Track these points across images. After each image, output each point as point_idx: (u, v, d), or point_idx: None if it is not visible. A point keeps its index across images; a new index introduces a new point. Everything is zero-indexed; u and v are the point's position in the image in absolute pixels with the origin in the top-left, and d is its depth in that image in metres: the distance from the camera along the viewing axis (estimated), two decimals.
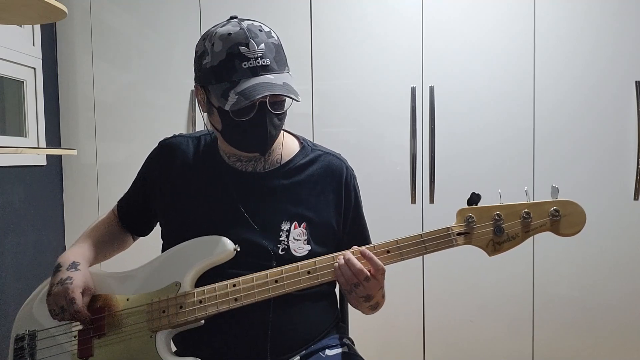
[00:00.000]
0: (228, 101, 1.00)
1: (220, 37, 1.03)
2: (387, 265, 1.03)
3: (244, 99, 0.99)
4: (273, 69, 1.03)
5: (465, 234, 1.02)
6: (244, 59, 1.01)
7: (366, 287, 1.01)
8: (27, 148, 2.02)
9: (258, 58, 1.02)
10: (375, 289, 1.03)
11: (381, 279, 1.03)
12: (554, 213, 1.00)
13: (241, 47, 1.01)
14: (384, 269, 1.01)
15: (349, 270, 1.00)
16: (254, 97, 0.99)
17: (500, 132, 2.16)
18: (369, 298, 1.05)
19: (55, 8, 1.28)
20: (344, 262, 1.01)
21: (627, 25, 2.10)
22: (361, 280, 1.00)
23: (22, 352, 1.09)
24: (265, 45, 1.03)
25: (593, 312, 2.17)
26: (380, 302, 1.13)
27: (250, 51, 1.01)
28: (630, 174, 2.12)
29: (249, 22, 1.05)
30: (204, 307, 1.03)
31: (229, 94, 1.01)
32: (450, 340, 2.22)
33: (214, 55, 1.03)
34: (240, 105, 1.00)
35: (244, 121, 1.04)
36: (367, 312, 1.15)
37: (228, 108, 1.01)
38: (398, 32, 2.17)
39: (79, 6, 2.25)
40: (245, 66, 1.01)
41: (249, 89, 1.00)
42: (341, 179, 1.18)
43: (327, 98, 2.20)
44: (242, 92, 1.00)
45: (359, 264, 1.00)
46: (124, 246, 1.29)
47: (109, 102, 2.28)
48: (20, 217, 2.04)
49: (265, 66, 1.02)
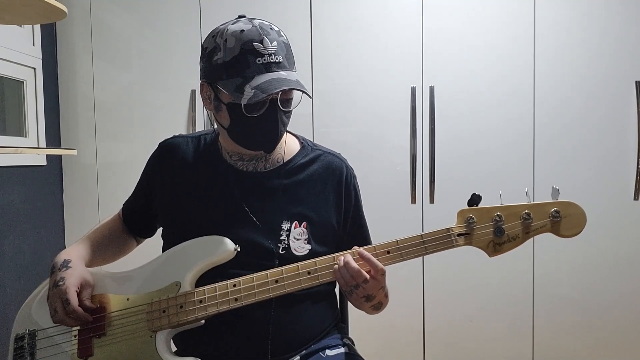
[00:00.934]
0: (244, 95, 1.01)
1: (233, 34, 1.03)
2: (387, 266, 1.02)
3: (261, 93, 1.00)
4: (285, 67, 1.05)
5: (466, 234, 1.02)
6: (258, 55, 1.02)
7: (365, 288, 1.01)
8: (27, 148, 2.02)
9: (272, 54, 1.03)
10: (375, 290, 1.03)
11: (381, 279, 1.02)
12: (555, 214, 1.00)
13: (255, 43, 1.02)
14: (384, 269, 1.01)
15: (348, 273, 1.00)
16: (272, 91, 1.00)
17: (501, 132, 2.16)
18: (370, 298, 1.05)
19: (55, 8, 1.28)
20: (342, 264, 1.01)
21: (627, 25, 2.10)
22: (359, 282, 1.00)
23: (22, 352, 1.09)
24: (277, 43, 1.04)
25: (593, 312, 2.17)
26: (383, 301, 1.13)
27: (265, 47, 1.02)
28: (630, 174, 2.12)
29: (259, 20, 1.07)
30: (204, 307, 1.03)
31: (244, 88, 1.01)
32: (450, 340, 2.22)
33: (227, 51, 1.03)
34: (257, 99, 1.00)
35: (254, 117, 1.04)
36: (370, 312, 1.14)
37: (245, 102, 1.01)
38: (398, 32, 2.17)
39: (79, 6, 2.25)
40: (259, 62, 1.02)
41: (265, 84, 1.01)
42: (341, 178, 1.18)
43: (327, 98, 2.20)
44: (259, 86, 1.01)
45: (356, 267, 1.00)
46: (126, 249, 1.29)
47: (109, 102, 2.28)
48: (20, 217, 2.04)
49: (278, 63, 1.03)
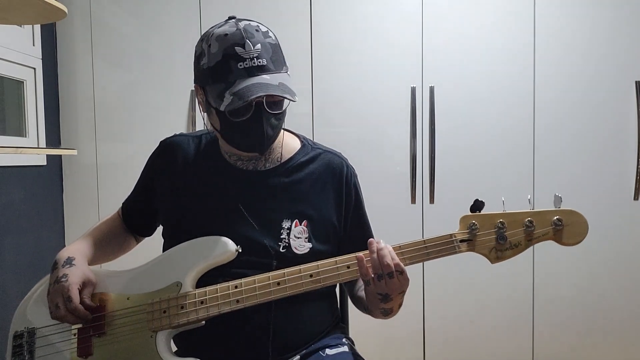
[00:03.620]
0: (223, 102, 1.01)
1: (217, 38, 1.03)
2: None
3: (237, 100, 0.99)
4: (269, 69, 1.03)
5: (468, 241, 1.01)
6: (239, 60, 1.01)
7: (388, 283, 0.98)
8: (27, 148, 2.01)
9: (254, 58, 1.01)
10: (395, 291, 1.00)
11: (402, 280, 0.99)
12: (557, 222, 0.99)
13: (237, 47, 1.01)
14: (402, 267, 0.98)
15: (380, 258, 0.97)
16: (248, 98, 0.99)
17: (500, 131, 2.16)
18: (386, 298, 1.02)
19: (55, 8, 1.28)
20: (381, 247, 0.98)
21: (627, 25, 2.10)
22: (386, 272, 0.97)
23: (20, 350, 1.08)
24: (261, 45, 1.03)
25: (593, 312, 2.17)
26: (395, 309, 1.09)
27: (246, 51, 1.01)
28: (630, 174, 2.12)
29: (246, 22, 1.05)
30: (205, 308, 1.02)
31: (224, 94, 1.01)
32: (450, 340, 2.22)
33: (211, 56, 1.03)
34: (234, 106, 1.00)
35: (241, 121, 1.04)
36: (378, 315, 1.11)
37: (223, 109, 1.01)
38: (398, 31, 2.17)
39: (79, 6, 2.25)
40: (240, 67, 1.01)
41: (243, 90, 1.00)
42: (341, 176, 1.18)
43: (327, 98, 2.20)
44: (237, 92, 1.00)
45: (389, 256, 0.97)
46: (125, 248, 1.29)
47: (109, 102, 2.28)
48: (20, 217, 2.04)
49: (261, 66, 1.02)
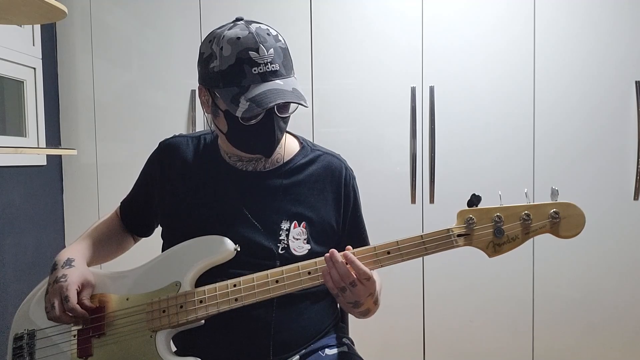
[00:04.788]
0: (239, 107, 1.00)
1: (229, 41, 1.01)
2: (387, 266, 1.02)
3: (256, 107, 0.98)
4: (282, 74, 1.03)
5: (466, 235, 1.02)
6: (254, 65, 1.00)
7: (353, 292, 0.98)
8: (27, 148, 2.02)
9: (268, 63, 1.01)
10: (363, 296, 1.00)
11: (369, 285, 0.99)
12: (554, 215, 0.99)
13: (251, 52, 1.00)
14: (368, 274, 0.98)
15: (337, 273, 0.98)
16: (267, 105, 0.98)
17: (501, 131, 2.16)
18: (357, 305, 1.03)
19: (55, 8, 1.28)
20: (332, 263, 0.98)
21: (627, 25, 2.10)
22: (347, 284, 0.98)
23: (20, 352, 1.09)
24: (274, 50, 1.02)
25: (593, 312, 2.17)
26: (371, 308, 1.09)
27: (260, 56, 1.00)
28: (630, 174, 2.12)
29: (256, 25, 1.04)
30: (204, 307, 1.03)
31: (239, 99, 1.00)
32: (450, 340, 2.22)
33: (223, 59, 1.02)
34: (252, 113, 0.99)
35: (251, 125, 1.04)
36: (357, 316, 1.12)
37: (239, 114, 1.00)
38: (398, 32, 2.17)
39: (79, 6, 2.25)
40: (255, 72, 1.00)
41: (260, 96, 0.99)
42: (340, 179, 1.18)
43: (327, 98, 2.20)
44: (253, 98, 0.99)
45: (345, 268, 0.97)
46: (124, 247, 1.29)
47: (109, 102, 2.28)
48: (20, 217, 2.04)
49: (274, 71, 1.01)
